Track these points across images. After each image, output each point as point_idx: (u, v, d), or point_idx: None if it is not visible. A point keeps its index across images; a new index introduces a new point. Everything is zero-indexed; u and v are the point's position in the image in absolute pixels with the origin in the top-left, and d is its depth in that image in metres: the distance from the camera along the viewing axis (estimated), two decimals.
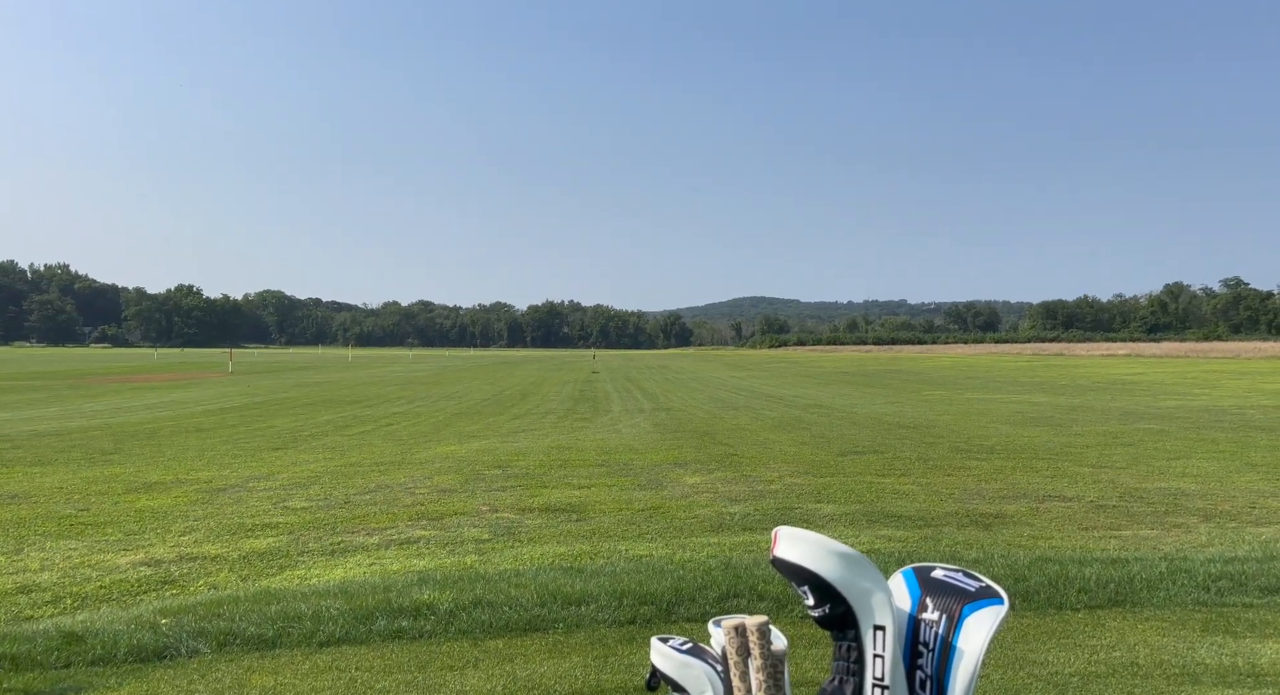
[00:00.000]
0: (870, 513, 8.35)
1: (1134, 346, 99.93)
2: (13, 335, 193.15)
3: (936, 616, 1.67)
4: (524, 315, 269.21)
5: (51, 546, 7.24)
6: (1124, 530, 7.57)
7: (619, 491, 9.67)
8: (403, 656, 4.05)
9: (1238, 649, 4.20)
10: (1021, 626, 4.57)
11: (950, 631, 1.64)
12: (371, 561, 6.62)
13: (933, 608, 1.69)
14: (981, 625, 1.62)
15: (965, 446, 13.76)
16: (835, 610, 1.66)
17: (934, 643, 1.66)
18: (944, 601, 1.68)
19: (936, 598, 1.70)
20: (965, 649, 1.61)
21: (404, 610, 4.58)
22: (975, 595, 1.67)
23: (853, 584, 1.64)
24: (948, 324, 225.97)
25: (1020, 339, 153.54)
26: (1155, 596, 5.08)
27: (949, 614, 1.66)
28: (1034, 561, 5.84)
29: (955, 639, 1.63)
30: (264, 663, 3.95)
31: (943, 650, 1.64)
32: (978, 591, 1.69)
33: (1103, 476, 10.53)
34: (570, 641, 4.29)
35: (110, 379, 40.66)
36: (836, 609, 1.66)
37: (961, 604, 1.66)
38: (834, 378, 43.00)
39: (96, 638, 4.13)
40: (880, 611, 1.64)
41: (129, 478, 10.99)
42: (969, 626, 1.62)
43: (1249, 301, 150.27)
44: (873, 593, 1.65)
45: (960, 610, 1.65)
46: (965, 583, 1.72)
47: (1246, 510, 8.43)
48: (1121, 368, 51.95)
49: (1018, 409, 21.74)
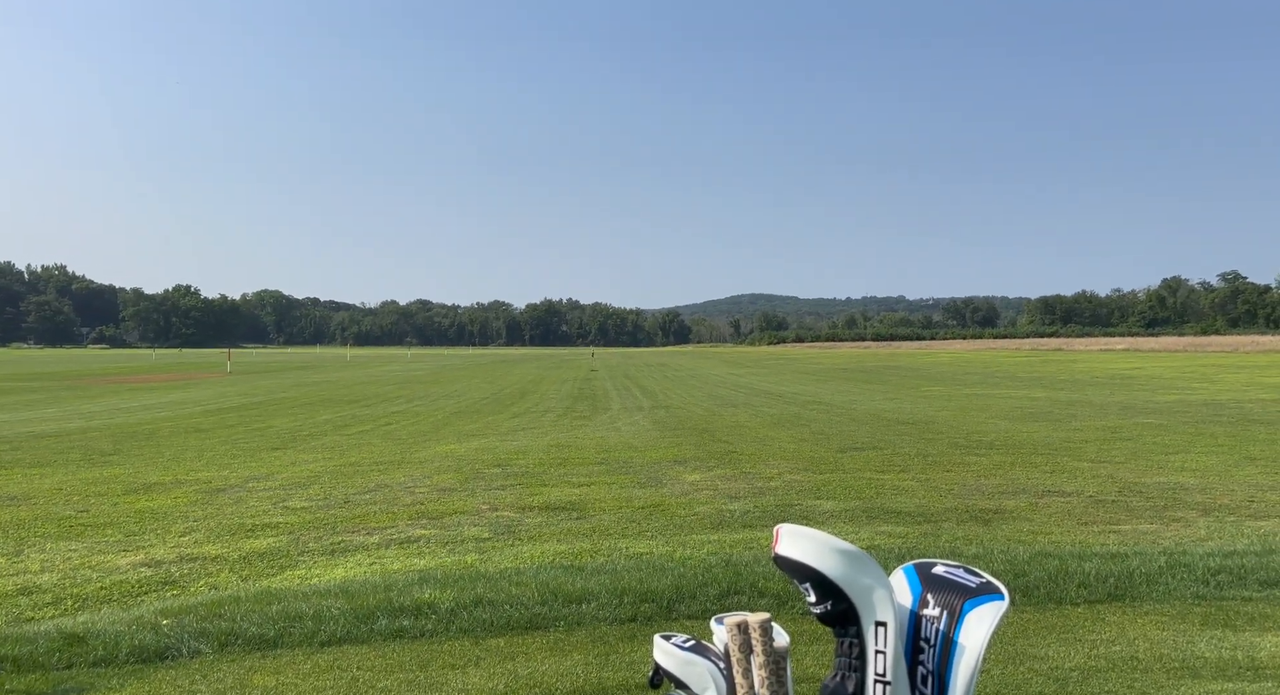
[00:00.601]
0: (870, 509, 8.36)
1: (1132, 341, 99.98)
2: (10, 336, 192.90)
3: (938, 612, 1.69)
4: (522, 314, 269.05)
5: (51, 548, 7.24)
6: (1123, 525, 7.58)
7: (619, 489, 9.68)
8: (404, 655, 4.05)
9: (1237, 642, 4.21)
10: (1021, 621, 4.58)
11: (951, 627, 1.66)
12: (372, 561, 6.63)
13: (934, 604, 1.70)
14: (982, 621, 1.63)
15: (964, 442, 13.77)
16: (837, 607, 1.68)
17: (935, 638, 1.67)
18: (945, 597, 1.69)
19: (938, 594, 1.71)
20: (966, 644, 1.62)
21: (405, 609, 4.58)
22: (976, 591, 1.69)
23: (854, 581, 1.66)
24: (946, 320, 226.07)
25: (1019, 334, 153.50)
26: (1154, 591, 5.09)
27: (950, 610, 1.67)
28: (1033, 556, 5.85)
29: (956, 635, 1.64)
30: (266, 663, 3.96)
31: (944, 646, 1.65)
32: (979, 587, 1.70)
33: (1102, 471, 10.55)
34: (571, 639, 4.30)
35: (108, 380, 40.63)
36: (838, 606, 1.68)
37: (962, 600, 1.67)
38: (833, 374, 43.02)
39: (98, 639, 4.13)
40: (882, 608, 1.66)
41: (128, 479, 10.99)
42: (970, 622, 1.64)
43: (1247, 295, 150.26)
44: (874, 589, 1.66)
45: (961, 606, 1.66)
46: (966, 579, 1.73)
47: (1245, 504, 8.45)
48: (1120, 362, 52.00)
49: (1016, 404, 21.76)
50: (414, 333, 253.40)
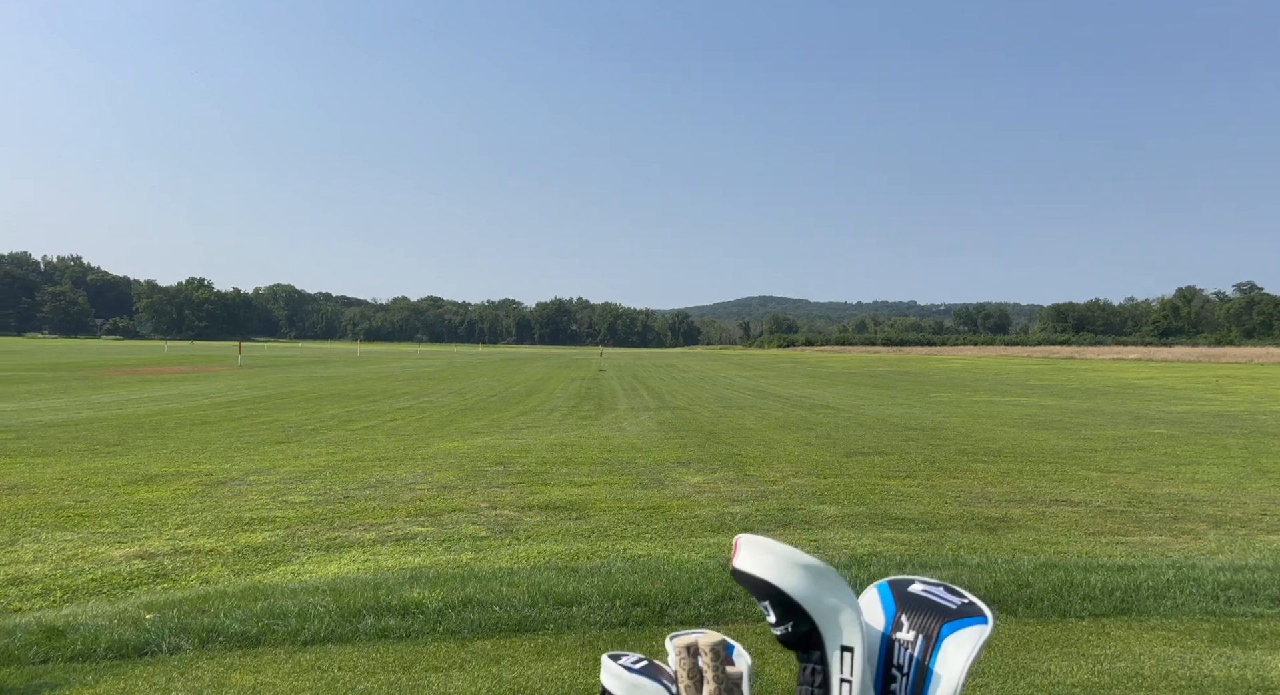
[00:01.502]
0: (873, 515, 8.23)
1: (1145, 350, 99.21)
2: (26, 326, 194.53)
3: (912, 636, 1.50)
4: (532, 312, 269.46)
5: (47, 538, 7.19)
6: (1131, 536, 7.43)
7: (620, 490, 9.58)
8: (387, 657, 3.96)
9: (1247, 661, 4.07)
10: (1024, 634, 4.46)
11: (927, 653, 1.48)
12: (366, 557, 6.55)
13: (908, 626, 1.52)
14: (962, 647, 1.46)
15: (972, 449, 13.61)
16: (799, 628, 1.51)
17: (909, 666, 1.49)
18: (921, 619, 1.51)
19: (913, 615, 1.53)
20: (943, 673, 1.45)
21: (392, 609, 4.49)
22: (956, 613, 1.50)
23: (819, 600, 1.48)
24: (957, 326, 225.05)
25: (1030, 342, 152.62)
26: (1162, 605, 4.95)
27: (926, 634, 1.49)
28: (1039, 567, 5.71)
29: (932, 662, 1.47)
30: (246, 661, 3.87)
31: (919, 674, 1.47)
32: (959, 609, 1.51)
33: (1111, 481, 10.38)
34: (560, 643, 4.19)
35: (119, 371, 40.81)
36: (800, 627, 1.50)
37: (940, 623, 1.49)
38: (841, 378, 42.80)
39: (77, 633, 4.05)
40: (848, 631, 1.48)
41: (130, 469, 10.96)
42: (948, 648, 1.46)
43: (1262, 306, 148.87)
44: (840, 610, 1.48)
45: (939, 630, 1.48)
46: (946, 599, 1.54)
47: (1257, 517, 8.28)
48: (1132, 371, 51.54)
49: (1026, 412, 21.54)
50: (425, 329, 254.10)
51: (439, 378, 38.79)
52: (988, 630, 1.47)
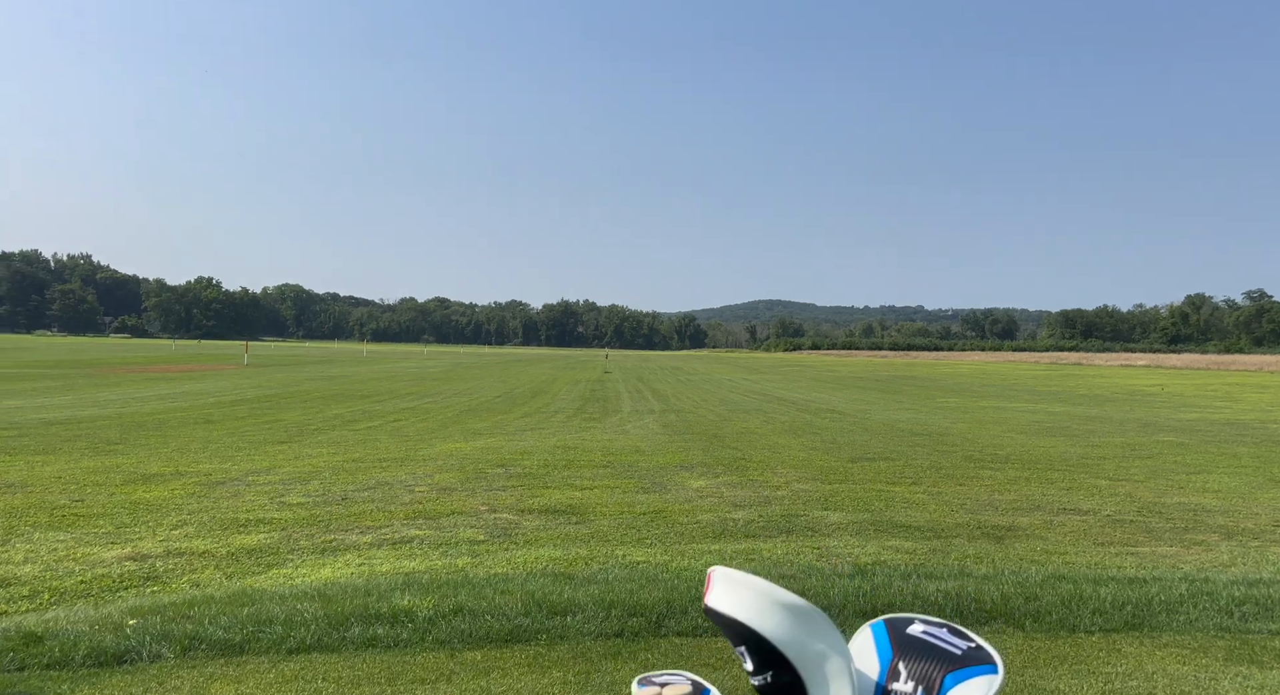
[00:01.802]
0: (878, 522, 8.08)
1: (1154, 357, 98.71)
2: (35, 324, 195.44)
3: (911, 687, 1.27)
4: (539, 314, 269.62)
5: (39, 538, 7.10)
6: (1142, 546, 7.27)
7: (621, 494, 9.45)
8: (373, 667, 3.83)
9: (1264, 681, 3.92)
10: (1032, 649, 4.31)
11: None
12: (361, 561, 6.44)
13: (906, 676, 1.29)
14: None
15: (979, 455, 13.44)
16: (780, 679, 1.26)
17: None
18: (921, 667, 1.28)
19: (912, 662, 1.29)
20: None
21: (381, 617, 4.36)
22: (961, 661, 1.27)
23: (803, 646, 1.26)
24: (965, 331, 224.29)
25: (1038, 348, 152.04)
26: (1175, 620, 4.80)
27: (927, 685, 1.26)
28: (1047, 579, 5.57)
29: None
30: (227, 670, 3.75)
31: None
32: (965, 655, 1.28)
33: (1120, 489, 10.21)
34: (552, 655, 4.06)
35: (126, 369, 40.86)
36: (781, 677, 1.26)
37: (944, 672, 1.26)
38: (848, 382, 42.59)
39: (56, 639, 3.93)
40: (836, 683, 1.25)
41: (129, 469, 10.89)
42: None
43: (1272, 314, 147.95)
44: (827, 658, 1.25)
45: (942, 680, 1.25)
46: (950, 643, 1.31)
47: (1270, 528, 8.11)
48: (1141, 378, 51.18)
49: (1034, 418, 21.34)
50: (431, 330, 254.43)
51: (444, 378, 38.72)
52: (998, 681, 1.24)
